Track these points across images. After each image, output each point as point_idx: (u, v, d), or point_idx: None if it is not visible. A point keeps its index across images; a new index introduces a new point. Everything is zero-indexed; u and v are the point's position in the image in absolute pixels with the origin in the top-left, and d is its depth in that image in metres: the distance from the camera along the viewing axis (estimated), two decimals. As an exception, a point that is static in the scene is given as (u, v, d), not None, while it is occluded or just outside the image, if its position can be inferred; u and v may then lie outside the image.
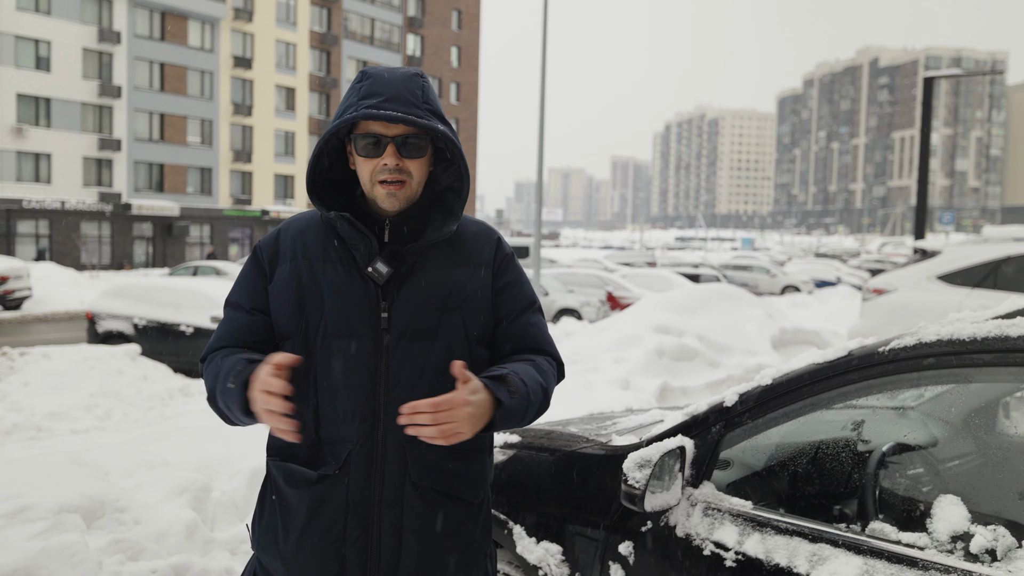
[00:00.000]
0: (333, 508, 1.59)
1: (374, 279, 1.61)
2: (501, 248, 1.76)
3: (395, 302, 1.62)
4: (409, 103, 1.58)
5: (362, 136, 1.60)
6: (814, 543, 1.68)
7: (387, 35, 54.19)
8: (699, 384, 8.03)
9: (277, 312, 1.65)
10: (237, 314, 1.69)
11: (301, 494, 1.61)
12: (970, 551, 1.48)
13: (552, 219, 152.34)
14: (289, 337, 1.63)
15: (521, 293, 1.75)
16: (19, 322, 19.38)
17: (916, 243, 9.42)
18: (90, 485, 3.57)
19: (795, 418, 1.89)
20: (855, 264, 40.40)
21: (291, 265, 1.65)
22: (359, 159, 1.62)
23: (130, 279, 20.13)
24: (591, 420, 2.82)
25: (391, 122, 1.56)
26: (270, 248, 1.69)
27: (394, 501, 1.59)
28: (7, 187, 36.25)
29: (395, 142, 1.59)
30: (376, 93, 1.58)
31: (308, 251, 1.65)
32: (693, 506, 1.92)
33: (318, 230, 1.68)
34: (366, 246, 1.62)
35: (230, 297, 1.72)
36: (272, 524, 1.65)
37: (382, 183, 1.60)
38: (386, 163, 1.59)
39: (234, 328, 1.68)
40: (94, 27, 38.58)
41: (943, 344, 1.64)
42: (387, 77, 1.61)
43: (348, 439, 1.60)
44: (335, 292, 1.61)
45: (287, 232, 1.70)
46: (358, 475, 1.59)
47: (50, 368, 9.11)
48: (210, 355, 1.69)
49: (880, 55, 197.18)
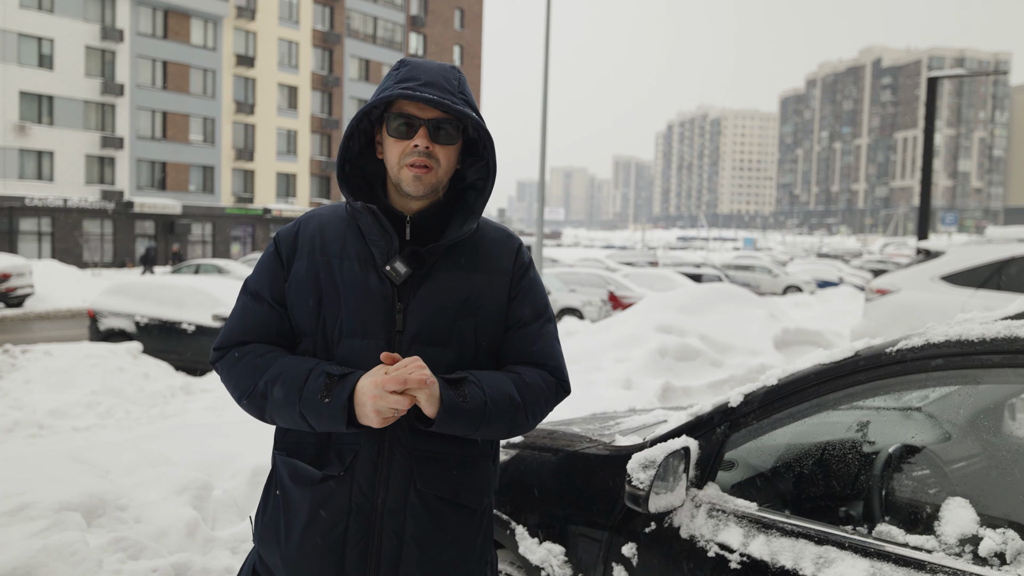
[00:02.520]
0: (335, 510, 1.57)
1: (391, 279, 1.59)
2: (520, 257, 1.72)
3: (411, 304, 1.59)
4: (445, 90, 1.58)
5: (396, 116, 1.59)
6: (820, 545, 1.66)
7: (390, 34, 54.17)
8: (701, 384, 8.01)
9: (295, 309, 1.63)
10: (258, 305, 1.65)
11: (305, 492, 1.59)
12: (979, 554, 1.46)
13: (554, 218, 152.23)
14: (308, 335, 1.62)
15: (532, 301, 1.71)
16: (21, 319, 19.40)
17: (919, 243, 9.40)
18: (91, 483, 3.56)
19: (801, 419, 1.88)
20: (857, 264, 40.38)
21: (308, 261, 1.63)
22: (389, 141, 1.60)
23: (132, 277, 20.14)
24: (594, 420, 2.81)
25: (426, 104, 1.55)
26: (289, 242, 1.67)
27: (397, 508, 1.57)
28: (10, 185, 36.28)
29: (427, 126, 1.57)
30: (414, 78, 1.58)
31: (326, 247, 1.63)
32: (697, 507, 1.91)
33: (338, 225, 1.66)
34: (386, 243, 1.59)
35: (250, 283, 1.69)
36: (275, 519, 1.64)
37: (410, 166, 1.58)
38: (416, 144, 1.57)
39: (255, 320, 1.64)
40: (97, 25, 38.60)
41: (951, 345, 1.63)
42: (425, 65, 1.62)
43: (354, 441, 1.58)
44: (351, 290, 1.59)
45: (307, 226, 1.68)
46: (362, 479, 1.57)
47: (52, 366, 9.11)
48: (233, 348, 1.64)
49: (883, 55, 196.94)
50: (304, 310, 1.62)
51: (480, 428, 1.55)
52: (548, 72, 12.22)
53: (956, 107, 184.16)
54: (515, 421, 1.59)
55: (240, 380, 1.60)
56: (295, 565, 1.60)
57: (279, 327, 1.65)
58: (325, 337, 1.60)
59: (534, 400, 1.62)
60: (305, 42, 48.60)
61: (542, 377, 1.66)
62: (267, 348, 1.62)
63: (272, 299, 1.65)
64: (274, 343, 1.64)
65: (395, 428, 1.57)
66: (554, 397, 1.68)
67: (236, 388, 1.61)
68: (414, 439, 1.58)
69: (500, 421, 1.57)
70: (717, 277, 25.85)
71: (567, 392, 1.71)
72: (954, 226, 33.82)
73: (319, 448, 1.60)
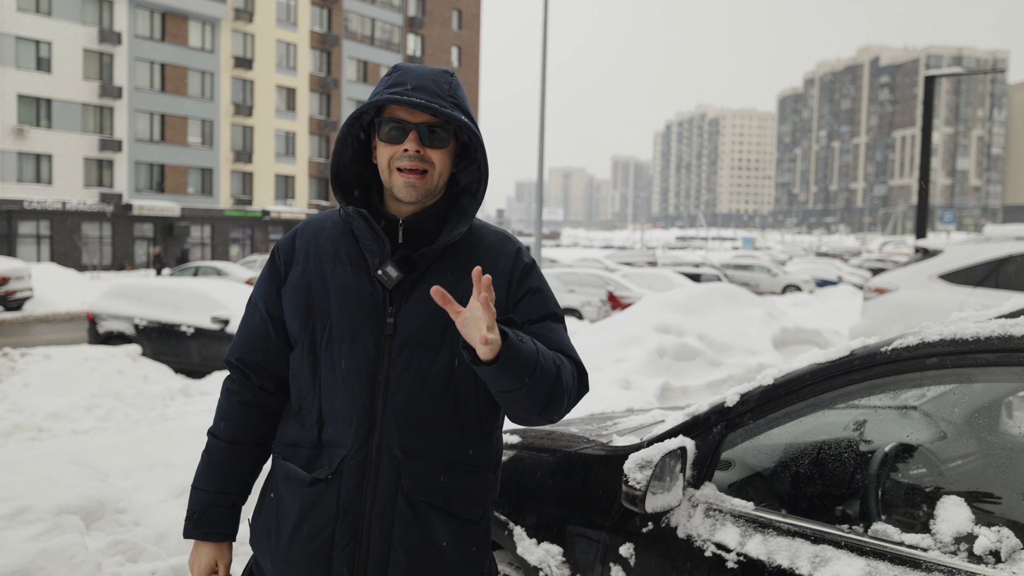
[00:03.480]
0: (324, 513, 1.57)
1: (383, 283, 1.59)
2: (520, 258, 1.68)
3: (403, 308, 1.59)
4: (435, 94, 1.57)
5: (386, 121, 1.59)
6: (816, 544, 1.66)
7: (388, 35, 54.19)
8: (700, 384, 8.01)
9: (288, 315, 1.66)
10: (253, 317, 1.72)
11: (295, 495, 1.60)
12: (974, 552, 1.47)
13: (553, 219, 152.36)
14: (298, 340, 1.64)
15: (541, 301, 1.66)
16: (20, 323, 19.39)
17: (917, 242, 9.41)
18: (90, 486, 3.56)
19: (797, 418, 1.88)
20: (856, 263, 40.41)
21: (302, 266, 1.65)
22: (381, 145, 1.61)
23: (131, 279, 20.15)
24: (592, 420, 2.81)
25: (414, 108, 1.55)
26: (286, 249, 1.70)
27: (385, 512, 1.56)
28: (8, 188, 36.28)
29: (418, 129, 1.57)
30: (403, 82, 1.59)
31: (320, 252, 1.65)
32: (694, 507, 1.91)
33: (332, 230, 1.68)
34: (379, 247, 1.60)
35: (253, 294, 1.75)
36: (267, 522, 1.65)
37: (400, 171, 1.58)
38: (407, 148, 1.57)
39: (250, 333, 1.72)
40: (95, 28, 38.60)
41: (946, 344, 1.63)
42: (417, 70, 1.62)
43: (343, 445, 1.57)
44: (342, 294, 1.60)
45: (303, 233, 1.71)
46: (350, 482, 1.56)
47: (51, 369, 9.11)
48: (237, 366, 1.73)
49: (881, 54, 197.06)
50: (295, 315, 1.64)
51: (533, 374, 1.45)
52: (546, 72, 12.23)
53: (954, 105, 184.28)
54: (554, 387, 1.50)
55: (217, 416, 1.76)
56: (285, 569, 1.60)
57: (273, 338, 1.69)
58: (312, 341, 1.61)
59: (567, 377, 1.56)
60: (303, 44, 48.61)
61: (567, 361, 1.59)
62: (233, 442, 1.72)
63: (267, 309, 1.69)
64: (271, 355, 1.70)
65: (384, 430, 1.56)
66: (577, 386, 1.61)
67: (215, 415, 1.77)
68: (400, 436, 1.56)
69: (545, 378, 1.48)
70: (716, 277, 25.86)
71: (587, 387, 1.64)
72: (953, 224, 33.83)
73: (313, 451, 1.61)
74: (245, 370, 1.71)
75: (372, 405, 1.56)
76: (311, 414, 1.61)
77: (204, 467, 1.73)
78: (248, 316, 1.73)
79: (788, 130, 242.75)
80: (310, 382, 1.61)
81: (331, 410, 1.59)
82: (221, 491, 1.71)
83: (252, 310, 1.73)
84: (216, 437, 1.72)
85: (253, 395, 1.71)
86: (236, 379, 1.72)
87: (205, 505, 1.71)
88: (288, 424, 1.68)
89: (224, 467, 1.71)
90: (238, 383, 1.72)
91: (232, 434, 1.71)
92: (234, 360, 1.72)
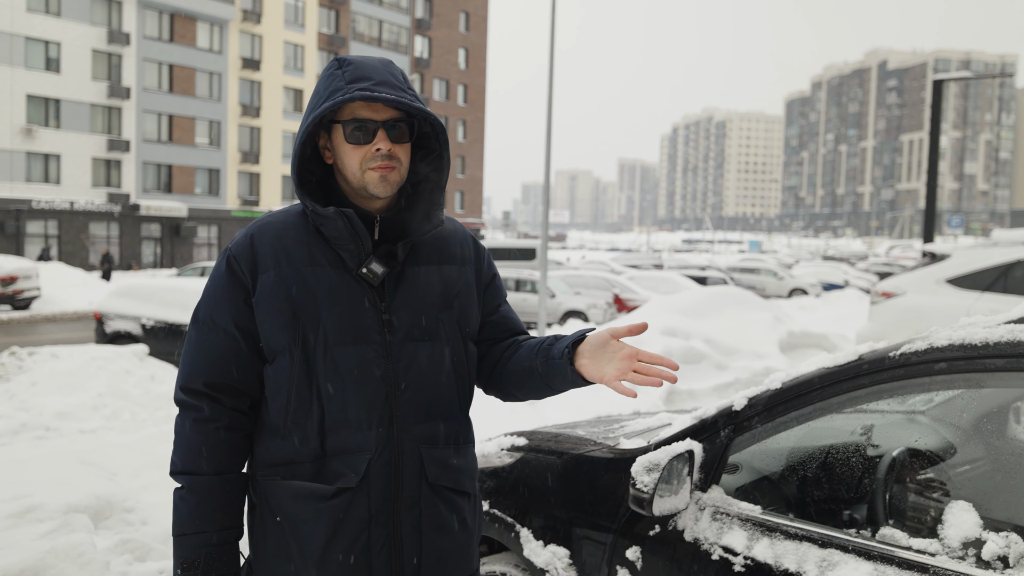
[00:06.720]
0: (356, 521, 1.54)
1: (368, 280, 1.57)
2: (479, 245, 1.80)
3: (393, 303, 1.59)
4: (397, 87, 1.55)
5: (350, 122, 1.53)
6: (824, 549, 1.66)
7: (395, 37, 54.27)
8: (706, 387, 8.00)
9: (266, 326, 1.55)
10: (212, 335, 1.57)
11: (315, 511, 1.53)
12: (982, 558, 1.47)
13: (559, 221, 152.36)
14: (283, 351, 1.54)
15: (500, 285, 1.84)
16: (28, 322, 19.46)
17: (925, 246, 9.38)
18: (98, 485, 3.58)
19: (805, 422, 1.88)
20: (863, 267, 40.25)
21: (275, 273, 1.55)
22: (347, 147, 1.55)
23: (138, 279, 20.23)
24: (598, 423, 2.81)
25: (387, 105, 1.53)
26: (246, 257, 1.57)
27: (412, 504, 1.58)
28: (17, 187, 36.43)
29: (385, 127, 1.54)
30: (365, 77, 1.53)
31: (291, 256, 1.56)
32: (701, 510, 1.91)
33: (296, 232, 1.59)
34: (357, 245, 1.56)
35: (200, 312, 1.59)
36: (283, 548, 1.56)
37: (372, 169, 1.55)
38: (379, 148, 1.53)
39: (214, 354, 1.56)
40: (103, 28, 38.75)
41: (955, 349, 1.63)
42: (368, 63, 1.57)
43: (366, 448, 1.55)
44: (332, 297, 1.55)
45: (262, 237, 1.58)
46: (379, 483, 1.55)
47: (58, 368, 9.14)
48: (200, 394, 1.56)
49: (889, 58, 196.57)
50: (278, 325, 1.54)
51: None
52: (553, 75, 12.23)
53: (962, 109, 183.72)
54: None
55: (178, 446, 1.58)
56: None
57: (245, 354, 1.57)
58: (305, 349, 1.54)
59: None
60: (311, 45, 48.71)
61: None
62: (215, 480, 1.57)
63: (235, 324, 1.56)
64: (244, 372, 1.57)
65: (401, 424, 1.58)
66: None
67: (182, 453, 1.57)
68: (417, 428, 1.60)
69: None
70: (722, 280, 25.82)
71: None
72: (960, 229, 33.75)
73: (316, 464, 1.55)
74: (214, 395, 1.56)
75: (387, 403, 1.57)
76: (307, 427, 1.54)
77: (192, 509, 1.55)
78: (203, 336, 1.58)
79: (795, 133, 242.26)
80: (305, 393, 1.54)
81: (339, 416, 1.54)
82: (223, 528, 1.57)
83: (208, 328, 1.57)
84: (197, 474, 1.55)
85: (230, 419, 1.57)
86: (206, 407, 1.56)
87: (210, 548, 1.55)
88: (270, 443, 1.58)
89: (220, 502, 1.57)
90: (209, 411, 1.56)
91: (217, 465, 1.56)
92: (200, 387, 1.56)
